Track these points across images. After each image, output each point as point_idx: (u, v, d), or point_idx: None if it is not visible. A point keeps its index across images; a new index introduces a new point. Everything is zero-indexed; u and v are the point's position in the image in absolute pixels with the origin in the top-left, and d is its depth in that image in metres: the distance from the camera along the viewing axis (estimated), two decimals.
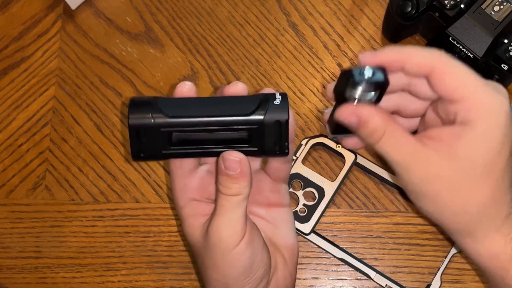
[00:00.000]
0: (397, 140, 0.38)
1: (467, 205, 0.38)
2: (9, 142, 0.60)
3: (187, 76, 0.60)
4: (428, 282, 0.54)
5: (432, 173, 0.37)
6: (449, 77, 0.37)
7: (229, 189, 0.39)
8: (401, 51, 0.38)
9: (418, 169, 0.38)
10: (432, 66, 0.37)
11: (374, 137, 0.38)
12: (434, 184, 0.38)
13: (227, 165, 0.39)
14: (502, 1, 0.52)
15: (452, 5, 0.52)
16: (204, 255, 0.41)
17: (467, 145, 0.37)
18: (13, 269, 0.57)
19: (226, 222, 0.40)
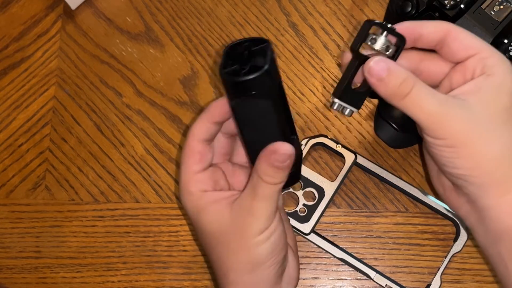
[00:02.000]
0: (428, 91, 0.38)
1: (507, 148, 0.38)
2: (9, 142, 0.60)
3: (187, 76, 0.60)
4: (428, 282, 0.54)
5: (470, 119, 0.38)
6: (463, 36, 0.40)
7: (274, 179, 0.40)
8: (415, 23, 0.40)
9: (454, 116, 0.38)
10: (447, 30, 0.40)
11: (404, 87, 0.38)
12: (471, 130, 0.38)
13: (278, 158, 0.40)
14: (502, 1, 0.52)
15: (452, 5, 0.52)
16: (234, 240, 0.42)
17: (492, 90, 0.38)
18: (13, 269, 0.57)
19: (265, 207, 0.41)
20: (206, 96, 0.60)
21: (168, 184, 0.58)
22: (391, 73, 0.38)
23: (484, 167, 0.38)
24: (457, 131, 0.38)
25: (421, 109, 0.38)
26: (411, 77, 0.38)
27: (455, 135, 0.38)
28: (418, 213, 0.56)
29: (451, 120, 0.38)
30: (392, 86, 0.38)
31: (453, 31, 0.40)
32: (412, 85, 0.38)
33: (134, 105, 0.60)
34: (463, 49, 0.40)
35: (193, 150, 0.43)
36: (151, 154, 0.59)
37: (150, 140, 0.59)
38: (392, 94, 0.38)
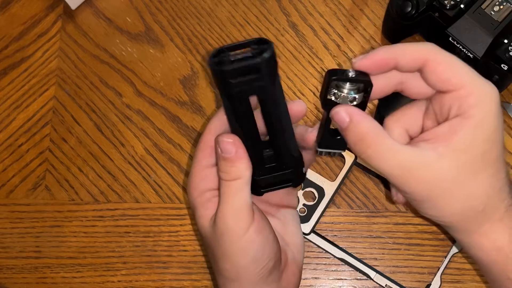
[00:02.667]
0: (390, 148, 0.37)
1: (472, 199, 0.37)
2: (9, 142, 0.60)
3: (187, 76, 0.60)
4: (428, 282, 0.54)
5: (433, 176, 0.37)
6: (443, 67, 0.37)
7: (228, 174, 0.39)
8: (393, 49, 0.38)
9: (417, 175, 0.37)
10: (426, 58, 0.37)
11: (364, 142, 0.37)
12: (436, 187, 0.37)
13: (222, 147, 0.39)
14: (502, 1, 0.52)
15: (452, 5, 0.52)
16: (214, 245, 0.41)
17: (466, 136, 0.36)
18: (13, 269, 0.57)
19: (230, 208, 0.39)
20: (206, 96, 0.60)
21: (168, 184, 0.58)
22: (351, 125, 0.37)
23: (448, 217, 0.38)
24: (419, 189, 0.37)
25: (383, 166, 0.37)
26: (371, 133, 0.37)
27: (419, 192, 0.37)
28: (418, 213, 0.56)
29: (413, 179, 0.37)
30: (352, 139, 0.37)
31: (431, 62, 0.37)
32: (371, 143, 0.36)
33: (134, 105, 0.60)
34: (440, 83, 0.37)
35: (206, 144, 0.42)
36: (151, 154, 0.59)
37: (150, 140, 0.59)
38: (354, 148, 0.38)
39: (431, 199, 0.37)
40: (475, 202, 0.38)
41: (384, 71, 0.38)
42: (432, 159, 0.36)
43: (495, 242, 0.39)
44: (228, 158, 0.39)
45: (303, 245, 0.48)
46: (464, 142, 0.36)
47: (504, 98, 0.57)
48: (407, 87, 0.40)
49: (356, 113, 0.37)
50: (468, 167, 0.37)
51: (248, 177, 0.39)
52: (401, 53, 0.38)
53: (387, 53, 0.38)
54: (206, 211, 0.42)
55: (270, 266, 0.42)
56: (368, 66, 0.38)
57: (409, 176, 0.37)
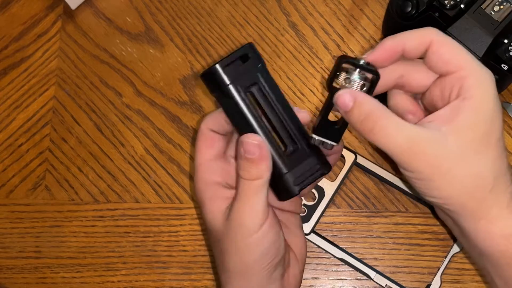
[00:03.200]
0: (396, 125, 0.37)
1: (479, 178, 0.37)
2: (9, 142, 0.60)
3: (187, 76, 0.60)
4: (428, 282, 0.54)
5: (438, 153, 0.37)
6: (445, 48, 0.39)
7: (249, 173, 0.39)
8: (399, 36, 0.39)
9: (422, 152, 0.37)
10: (430, 40, 0.39)
11: (369, 121, 0.37)
12: (442, 164, 0.37)
13: (246, 148, 0.39)
14: (502, 1, 0.52)
15: (452, 5, 0.52)
16: (224, 240, 0.41)
17: (467, 117, 0.37)
18: (13, 269, 0.57)
19: (248, 207, 0.40)
20: (206, 96, 0.60)
21: (168, 184, 0.58)
22: (355, 106, 0.37)
23: (456, 198, 0.38)
24: (424, 166, 0.37)
25: (389, 144, 0.37)
26: (377, 111, 0.37)
27: (423, 170, 0.37)
28: (418, 213, 0.56)
29: (419, 155, 0.37)
30: (357, 119, 0.38)
31: (434, 44, 0.39)
32: (377, 120, 0.37)
33: (134, 105, 0.60)
34: (442, 64, 0.39)
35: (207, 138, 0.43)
36: (151, 154, 0.59)
37: (150, 140, 0.59)
38: (358, 128, 0.38)
39: (435, 178, 0.37)
40: (483, 182, 0.38)
41: (393, 61, 0.39)
42: (437, 137, 0.37)
43: (504, 229, 0.38)
44: (251, 159, 0.39)
45: (306, 249, 0.48)
46: (466, 121, 0.37)
47: (504, 98, 0.57)
48: (408, 80, 0.41)
49: (359, 95, 0.38)
50: (472, 146, 0.37)
51: (268, 177, 0.40)
52: (408, 37, 0.39)
53: (395, 40, 0.39)
54: (214, 206, 0.42)
55: (276, 261, 0.42)
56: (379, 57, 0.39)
57: (414, 153, 0.37)
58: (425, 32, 0.39)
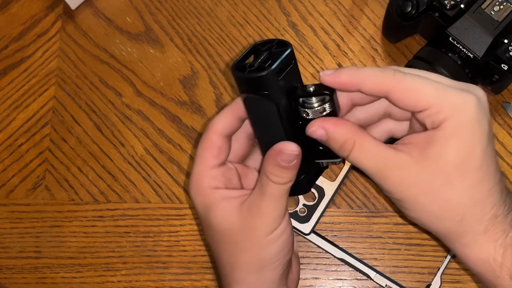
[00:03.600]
0: (368, 150, 0.38)
1: (447, 207, 0.38)
2: (9, 142, 0.60)
3: (187, 76, 0.60)
4: (428, 282, 0.54)
5: (407, 178, 0.38)
6: (407, 93, 0.37)
7: (280, 178, 0.40)
8: (357, 73, 0.38)
9: (393, 175, 0.38)
10: (387, 87, 0.38)
11: (344, 149, 0.38)
12: (410, 189, 0.38)
13: (284, 158, 0.39)
14: (502, 1, 0.52)
15: (452, 5, 0.52)
16: (240, 237, 0.42)
17: (438, 147, 0.37)
18: (13, 269, 0.57)
19: (273, 206, 0.41)
20: (206, 96, 0.60)
21: (168, 184, 0.58)
22: (330, 138, 0.38)
23: (426, 223, 0.39)
24: (397, 189, 0.38)
25: (362, 167, 0.39)
26: (351, 138, 0.38)
27: (396, 193, 0.38)
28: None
29: (389, 179, 0.38)
30: (334, 148, 0.39)
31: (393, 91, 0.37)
32: (352, 146, 0.38)
33: (134, 105, 0.60)
34: (409, 108, 0.38)
35: (212, 144, 0.42)
36: (151, 154, 0.59)
37: (150, 140, 0.59)
38: (338, 153, 0.39)
39: (408, 200, 0.38)
40: (451, 212, 0.38)
41: (349, 91, 0.39)
42: (406, 162, 0.38)
43: (479, 255, 0.39)
44: (286, 166, 0.40)
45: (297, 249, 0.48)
46: (436, 152, 0.37)
47: (504, 98, 0.57)
48: (392, 112, 0.41)
49: (329, 123, 0.38)
50: (442, 176, 0.37)
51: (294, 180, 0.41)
52: (363, 80, 0.38)
53: (351, 76, 0.38)
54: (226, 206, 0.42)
55: (288, 258, 0.43)
56: (333, 83, 0.39)
57: (386, 176, 0.38)
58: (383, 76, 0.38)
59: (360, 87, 0.38)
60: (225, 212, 0.42)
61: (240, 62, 0.38)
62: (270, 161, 0.40)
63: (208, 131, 0.42)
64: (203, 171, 0.42)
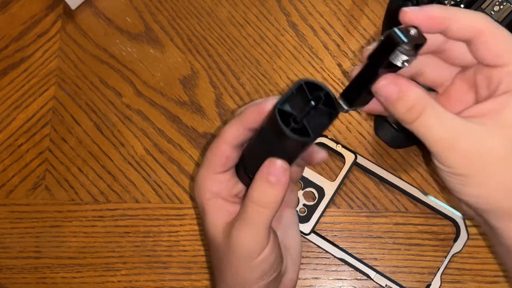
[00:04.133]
0: (439, 115, 0.35)
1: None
2: (9, 142, 0.60)
3: (187, 76, 0.60)
4: (428, 282, 0.54)
5: (481, 148, 0.35)
6: (495, 41, 0.35)
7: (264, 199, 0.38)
8: (448, 10, 0.36)
9: (464, 145, 0.35)
10: (480, 29, 0.35)
11: (413, 111, 0.35)
12: (483, 160, 0.35)
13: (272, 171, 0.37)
14: (502, 1, 0.52)
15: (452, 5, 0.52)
16: (224, 257, 0.41)
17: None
18: (13, 269, 0.57)
19: (252, 234, 0.39)
20: (206, 96, 0.60)
21: (168, 184, 0.58)
22: (400, 98, 0.35)
23: (492, 198, 0.36)
24: (463, 162, 0.35)
25: (429, 135, 0.35)
26: (422, 101, 0.35)
27: (463, 165, 0.35)
28: (418, 213, 0.56)
29: (459, 149, 0.35)
30: (400, 110, 0.36)
31: (486, 33, 0.35)
32: (421, 110, 0.35)
33: (134, 105, 0.60)
34: (491, 57, 0.35)
35: (221, 153, 0.41)
36: (151, 154, 0.59)
37: (150, 140, 0.59)
38: (400, 118, 0.36)
39: (472, 174, 0.35)
40: None
41: (432, 32, 0.36)
42: (480, 132, 0.35)
43: None
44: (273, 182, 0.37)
45: (301, 247, 0.47)
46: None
47: None
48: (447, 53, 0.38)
49: (403, 84, 0.35)
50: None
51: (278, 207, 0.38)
52: (455, 17, 0.35)
53: (442, 12, 0.35)
54: (217, 219, 0.41)
55: (275, 275, 0.42)
56: (420, 20, 0.35)
57: (454, 148, 0.35)
58: (477, 17, 0.35)
59: (451, 24, 0.35)
60: (214, 223, 0.41)
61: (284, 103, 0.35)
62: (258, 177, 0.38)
63: (219, 140, 0.41)
64: (208, 174, 0.42)
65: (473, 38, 0.35)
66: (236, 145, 0.41)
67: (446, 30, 0.36)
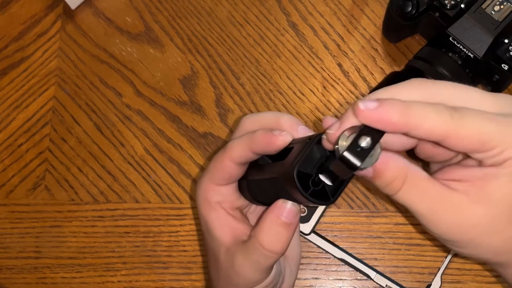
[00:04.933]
0: (420, 188, 0.34)
1: (508, 243, 0.35)
2: (9, 142, 0.60)
3: (187, 76, 0.60)
4: (428, 282, 0.54)
5: (464, 220, 0.34)
6: (467, 140, 0.32)
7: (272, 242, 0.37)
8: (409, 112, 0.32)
9: (447, 218, 0.34)
10: (445, 133, 0.32)
11: (392, 187, 0.34)
12: (468, 232, 0.34)
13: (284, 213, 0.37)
14: (502, 1, 0.52)
15: (452, 5, 0.52)
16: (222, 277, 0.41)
17: (502, 185, 0.33)
18: (13, 269, 0.57)
19: (256, 274, 0.39)
20: (206, 96, 0.59)
21: (168, 184, 0.58)
22: (376, 176, 0.34)
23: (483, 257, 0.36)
24: (450, 232, 0.35)
25: (411, 208, 0.34)
26: (400, 175, 0.34)
27: (449, 235, 0.35)
28: None
29: (443, 222, 0.34)
30: (380, 185, 0.35)
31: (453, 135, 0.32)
32: (400, 185, 0.34)
33: (134, 105, 0.60)
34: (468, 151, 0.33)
35: (224, 168, 0.40)
36: (151, 154, 0.59)
37: (150, 140, 0.59)
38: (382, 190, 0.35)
39: (463, 241, 0.35)
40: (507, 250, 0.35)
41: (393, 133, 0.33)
42: (463, 203, 0.34)
43: None
44: (285, 224, 0.37)
45: (300, 256, 0.47)
46: (500, 191, 0.33)
47: None
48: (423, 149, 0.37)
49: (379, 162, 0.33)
50: (504, 217, 0.34)
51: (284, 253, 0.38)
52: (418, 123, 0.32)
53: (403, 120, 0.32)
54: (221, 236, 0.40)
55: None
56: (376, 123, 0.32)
57: (439, 218, 0.34)
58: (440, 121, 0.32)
59: (411, 131, 0.32)
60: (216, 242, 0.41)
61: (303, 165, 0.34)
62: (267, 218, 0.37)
63: (224, 154, 0.40)
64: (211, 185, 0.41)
65: (441, 142, 0.33)
66: (240, 163, 0.40)
67: (408, 134, 0.33)
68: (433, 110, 0.32)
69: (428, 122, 0.32)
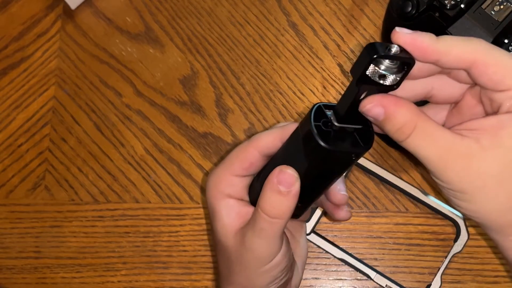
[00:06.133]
0: (430, 134, 0.34)
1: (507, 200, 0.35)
2: (9, 142, 0.60)
3: (187, 76, 0.60)
4: (428, 283, 0.54)
5: (473, 167, 0.34)
6: (494, 68, 0.33)
7: (274, 210, 0.37)
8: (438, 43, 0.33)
9: (457, 164, 0.34)
10: (474, 59, 0.33)
11: (403, 131, 0.34)
12: (476, 180, 0.34)
13: (282, 179, 0.37)
14: (503, 1, 0.52)
15: (452, 5, 0.52)
16: (234, 261, 0.41)
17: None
18: (13, 269, 0.57)
19: (265, 243, 0.39)
20: (206, 96, 0.59)
21: (168, 184, 0.58)
22: (387, 119, 0.34)
23: (487, 214, 0.36)
24: (457, 179, 0.34)
25: (421, 154, 0.34)
26: (411, 120, 0.34)
27: (459, 183, 0.34)
28: (418, 213, 0.56)
29: (453, 168, 0.34)
30: (390, 130, 0.35)
31: (480, 63, 0.33)
32: (411, 130, 0.34)
33: (134, 105, 0.60)
34: (492, 84, 0.34)
35: (247, 156, 0.40)
36: (151, 154, 0.59)
37: (150, 140, 0.59)
38: (391, 136, 0.35)
39: (467, 192, 0.35)
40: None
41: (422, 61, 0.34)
42: (474, 150, 0.34)
43: None
44: (283, 192, 0.37)
45: (306, 256, 0.47)
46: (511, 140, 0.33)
47: None
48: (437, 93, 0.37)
49: (389, 101, 0.34)
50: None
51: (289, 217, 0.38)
52: (448, 49, 0.33)
53: (434, 44, 0.33)
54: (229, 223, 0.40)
55: (284, 280, 0.42)
56: (412, 46, 0.33)
57: (448, 165, 0.34)
58: (469, 48, 0.34)
59: (441, 57, 0.33)
60: (225, 227, 0.40)
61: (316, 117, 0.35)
62: (267, 187, 0.37)
63: (249, 143, 0.40)
64: (225, 175, 0.41)
65: (468, 69, 0.34)
66: (264, 155, 0.40)
67: (438, 62, 0.34)
68: (462, 39, 0.34)
69: (457, 48, 0.33)
